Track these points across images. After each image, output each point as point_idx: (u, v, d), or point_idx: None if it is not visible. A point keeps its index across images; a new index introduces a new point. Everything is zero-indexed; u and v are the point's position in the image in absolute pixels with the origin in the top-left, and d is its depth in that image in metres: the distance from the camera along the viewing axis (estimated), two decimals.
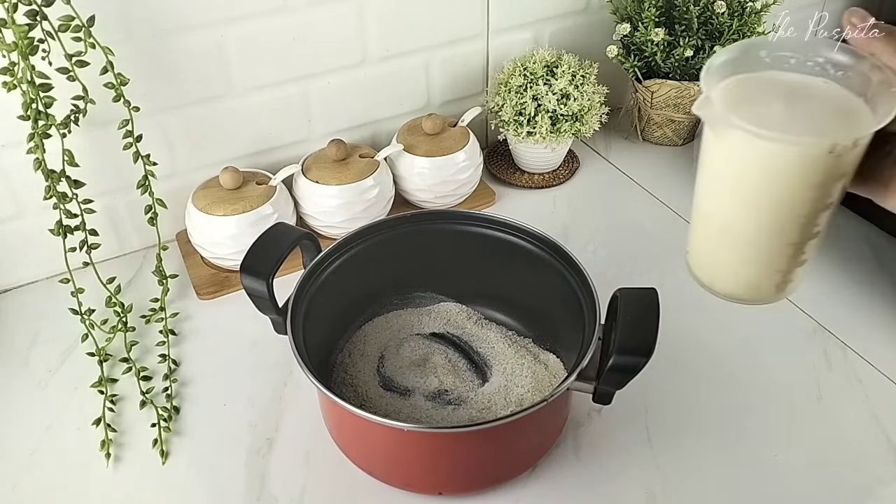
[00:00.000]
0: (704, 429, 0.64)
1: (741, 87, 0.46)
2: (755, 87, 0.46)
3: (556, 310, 0.66)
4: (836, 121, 0.44)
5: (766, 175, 0.43)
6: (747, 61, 0.47)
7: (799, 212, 0.45)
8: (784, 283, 0.48)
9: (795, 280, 0.48)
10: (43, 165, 0.66)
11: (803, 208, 0.44)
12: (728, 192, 0.45)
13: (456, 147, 0.85)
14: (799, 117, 0.44)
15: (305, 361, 0.55)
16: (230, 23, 0.75)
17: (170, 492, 0.61)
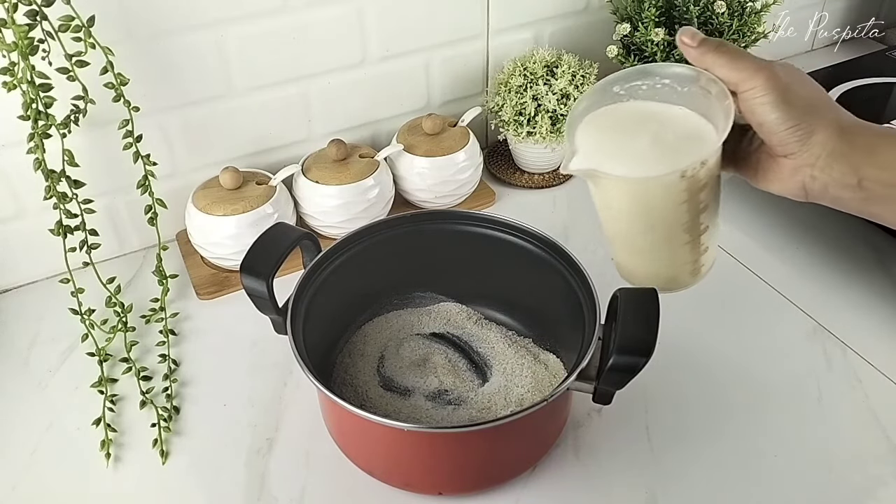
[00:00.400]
0: (704, 429, 0.64)
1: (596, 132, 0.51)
2: (609, 127, 0.51)
3: (556, 310, 0.66)
4: (685, 145, 0.48)
5: (639, 205, 0.49)
6: (604, 100, 0.51)
7: (679, 221, 0.49)
8: (696, 269, 0.53)
9: (706, 264, 0.54)
10: (43, 165, 0.66)
11: (682, 218, 0.49)
12: (617, 220, 0.52)
13: (456, 147, 0.85)
14: (652, 148, 0.49)
15: (305, 361, 0.55)
16: (230, 23, 0.75)
17: (170, 492, 0.61)
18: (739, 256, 0.82)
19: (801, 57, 1.18)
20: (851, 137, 0.46)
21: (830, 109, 0.47)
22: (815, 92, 0.48)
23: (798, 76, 0.48)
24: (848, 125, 0.47)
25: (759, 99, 0.46)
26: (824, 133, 0.46)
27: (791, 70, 0.48)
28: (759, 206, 0.88)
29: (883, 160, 0.45)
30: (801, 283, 0.78)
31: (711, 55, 0.48)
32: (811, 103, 0.47)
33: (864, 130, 0.46)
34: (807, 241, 0.83)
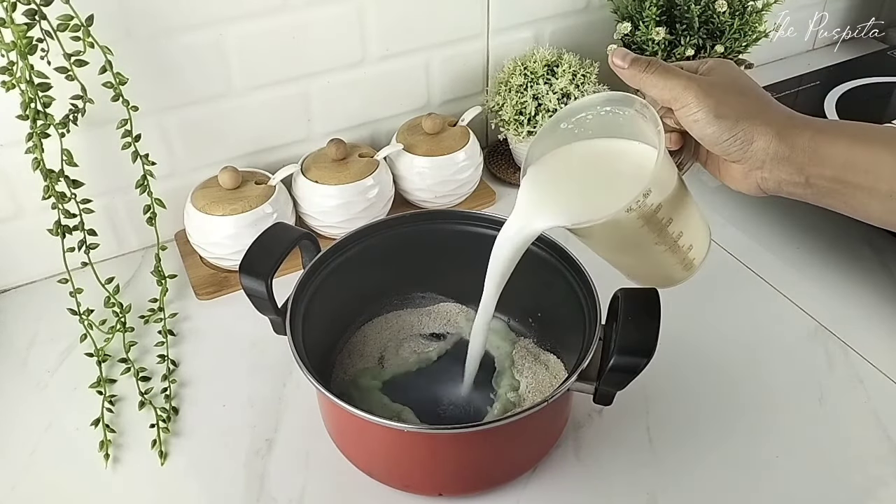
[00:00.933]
0: (705, 429, 0.64)
1: (542, 185, 0.52)
2: (551, 180, 0.52)
3: (557, 310, 0.66)
4: (624, 183, 0.49)
5: (601, 240, 0.52)
6: (555, 140, 0.52)
7: (648, 240, 0.50)
8: (687, 264, 0.54)
9: (697, 257, 0.54)
10: (41, 165, 0.66)
11: (649, 237, 0.49)
12: (595, 248, 0.53)
13: (456, 147, 0.85)
14: (595, 192, 0.51)
15: (305, 362, 0.55)
16: (229, 22, 0.75)
17: (169, 493, 0.61)
18: (740, 256, 0.81)
19: (801, 57, 1.18)
20: (791, 139, 0.46)
21: (766, 112, 0.47)
22: (750, 96, 0.48)
23: (731, 81, 0.48)
24: (786, 127, 0.47)
25: (692, 116, 0.47)
26: (763, 139, 0.47)
27: (724, 75, 0.49)
28: (759, 206, 0.88)
29: (824, 158, 0.46)
30: (802, 283, 0.78)
31: (642, 75, 0.49)
32: (746, 110, 0.47)
33: (804, 130, 0.46)
34: (808, 241, 0.83)
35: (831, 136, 0.46)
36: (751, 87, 0.49)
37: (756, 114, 0.47)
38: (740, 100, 0.47)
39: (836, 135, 0.46)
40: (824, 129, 0.47)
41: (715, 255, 0.81)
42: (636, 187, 0.46)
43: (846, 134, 0.46)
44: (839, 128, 0.47)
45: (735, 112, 0.47)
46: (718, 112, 0.46)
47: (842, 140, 0.46)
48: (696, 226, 0.53)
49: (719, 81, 0.48)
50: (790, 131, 0.47)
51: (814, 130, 0.46)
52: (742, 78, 0.49)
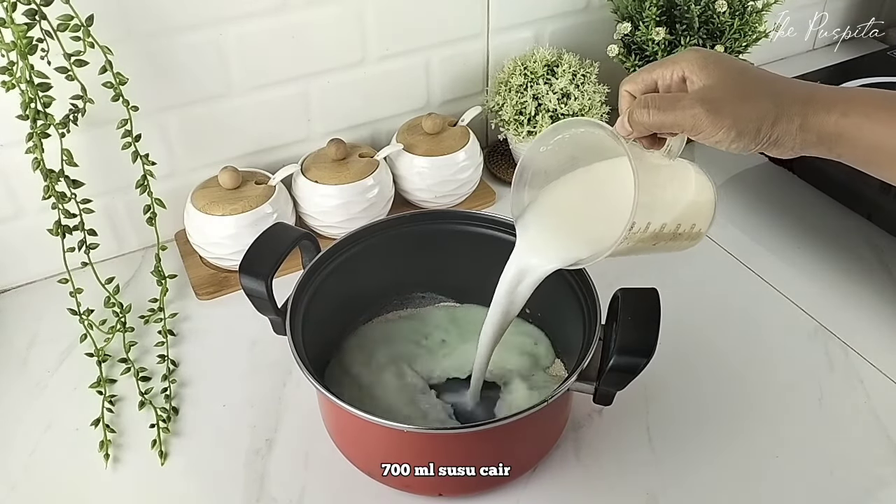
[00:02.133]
0: (705, 429, 0.64)
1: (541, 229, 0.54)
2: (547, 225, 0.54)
3: (557, 310, 0.66)
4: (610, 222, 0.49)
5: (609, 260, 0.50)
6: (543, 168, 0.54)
7: (649, 246, 0.51)
8: (694, 237, 0.54)
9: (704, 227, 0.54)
10: (42, 165, 0.66)
11: (649, 243, 0.50)
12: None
13: (456, 147, 0.85)
14: (593, 223, 0.52)
15: (304, 362, 0.55)
16: (229, 22, 0.75)
17: (169, 493, 0.61)
18: (740, 256, 0.81)
19: (801, 57, 1.18)
20: (817, 128, 0.45)
21: (783, 104, 0.46)
22: (759, 92, 0.46)
23: (731, 81, 0.46)
24: (808, 115, 0.45)
25: (712, 140, 0.46)
26: (789, 137, 0.46)
27: (718, 77, 0.47)
28: (759, 206, 0.88)
29: (851, 141, 0.45)
30: (802, 283, 0.78)
31: (649, 126, 0.47)
32: (763, 113, 0.45)
33: (827, 114, 0.45)
34: (808, 241, 0.83)
35: (857, 118, 0.45)
36: (753, 81, 0.47)
37: (774, 112, 0.45)
38: (753, 104, 0.46)
39: (861, 117, 0.45)
40: (848, 112, 0.45)
41: (715, 255, 0.82)
42: (619, 228, 0.46)
43: (871, 116, 0.45)
44: (864, 107, 0.45)
45: (753, 120, 0.45)
46: (738, 129, 0.45)
47: (867, 124, 0.45)
48: (696, 204, 0.53)
49: (720, 87, 0.46)
50: (813, 119, 0.45)
51: (838, 114, 0.45)
52: (734, 70, 0.47)
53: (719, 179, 0.94)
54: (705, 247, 0.83)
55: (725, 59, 0.47)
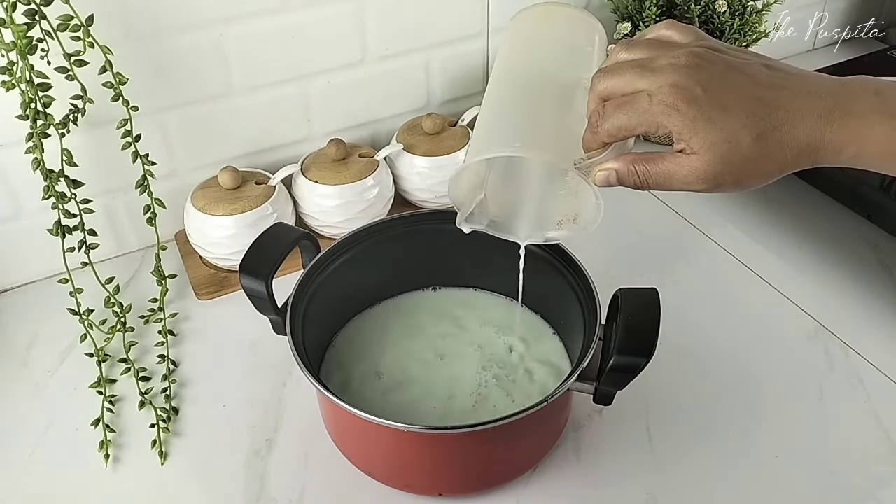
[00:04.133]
0: (705, 429, 0.64)
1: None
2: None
3: (557, 310, 0.66)
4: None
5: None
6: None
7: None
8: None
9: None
10: (42, 165, 0.66)
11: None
12: None
13: (456, 147, 0.84)
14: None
15: (305, 362, 0.55)
16: (229, 22, 0.75)
17: (168, 493, 0.61)
18: (740, 256, 0.81)
19: (801, 57, 1.18)
20: (834, 156, 0.42)
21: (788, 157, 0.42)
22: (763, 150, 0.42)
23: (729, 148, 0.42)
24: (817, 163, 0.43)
25: (713, 192, 0.44)
26: (802, 165, 0.43)
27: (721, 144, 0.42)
28: (758, 206, 0.88)
29: (869, 165, 0.43)
30: (802, 282, 0.78)
31: (641, 185, 0.45)
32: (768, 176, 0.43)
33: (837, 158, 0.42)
34: (808, 241, 0.83)
35: (871, 158, 0.42)
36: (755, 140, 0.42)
37: (780, 171, 0.42)
38: (757, 172, 0.42)
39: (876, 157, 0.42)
40: (862, 153, 0.42)
41: (715, 255, 0.82)
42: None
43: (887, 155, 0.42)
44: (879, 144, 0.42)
45: (760, 179, 0.43)
46: (742, 188, 0.43)
47: (882, 161, 0.42)
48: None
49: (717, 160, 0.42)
50: (826, 162, 0.42)
51: (850, 155, 0.42)
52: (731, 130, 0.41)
53: None
54: (705, 247, 0.83)
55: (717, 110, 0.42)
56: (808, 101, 0.42)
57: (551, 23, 0.55)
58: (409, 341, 0.69)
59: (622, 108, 0.43)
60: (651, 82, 0.42)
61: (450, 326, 0.70)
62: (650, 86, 0.42)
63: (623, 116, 0.43)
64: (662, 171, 0.44)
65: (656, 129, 0.43)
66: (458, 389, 0.64)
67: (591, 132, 0.45)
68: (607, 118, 0.44)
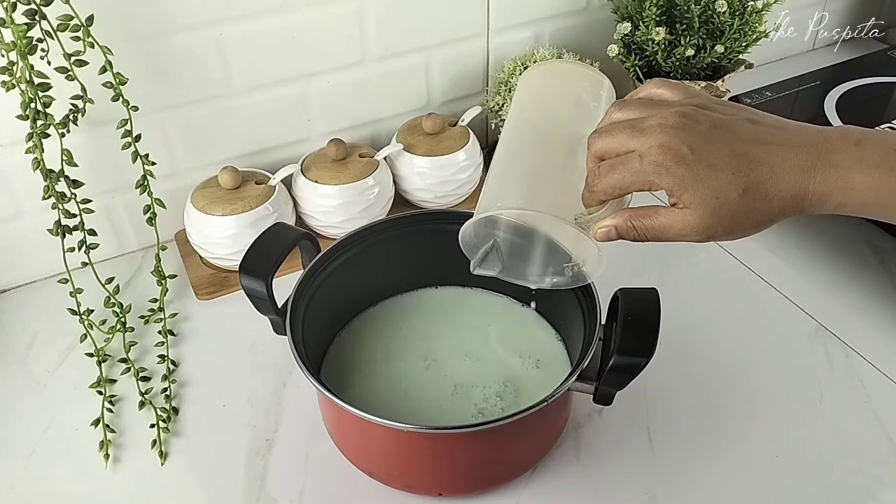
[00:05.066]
0: (705, 429, 0.64)
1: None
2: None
3: (557, 310, 0.66)
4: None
5: None
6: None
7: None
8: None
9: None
10: (41, 165, 0.66)
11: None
12: None
13: (456, 147, 0.85)
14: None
15: (305, 362, 0.55)
16: (229, 22, 0.75)
17: (169, 493, 0.61)
18: (740, 256, 0.81)
19: (801, 57, 1.18)
20: (820, 204, 0.43)
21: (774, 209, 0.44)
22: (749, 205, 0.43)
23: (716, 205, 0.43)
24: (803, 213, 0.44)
25: (705, 243, 0.46)
26: (789, 215, 0.44)
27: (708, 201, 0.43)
28: None
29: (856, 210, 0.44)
30: (802, 283, 0.78)
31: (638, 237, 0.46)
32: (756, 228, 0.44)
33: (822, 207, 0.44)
34: (808, 241, 0.83)
35: (856, 207, 0.43)
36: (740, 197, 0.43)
37: (767, 224, 0.44)
38: (743, 225, 0.44)
39: (859, 206, 0.43)
40: (846, 203, 0.43)
41: (715, 255, 0.82)
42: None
43: (870, 207, 0.43)
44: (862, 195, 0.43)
45: (751, 229, 0.44)
46: (733, 234, 0.44)
47: (867, 209, 0.43)
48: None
49: (705, 214, 0.44)
50: (808, 211, 0.44)
51: (835, 205, 0.43)
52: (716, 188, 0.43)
53: None
54: (705, 246, 0.83)
55: (704, 167, 0.43)
56: (790, 154, 0.44)
57: (558, 79, 0.58)
58: (408, 341, 0.69)
59: (616, 168, 0.45)
60: (641, 143, 0.44)
61: (450, 326, 0.70)
62: (640, 146, 0.44)
63: (617, 176, 0.45)
64: (658, 225, 0.46)
65: (649, 186, 0.45)
66: (459, 389, 0.64)
67: (588, 191, 0.47)
68: (602, 178, 0.46)
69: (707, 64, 0.87)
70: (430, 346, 0.69)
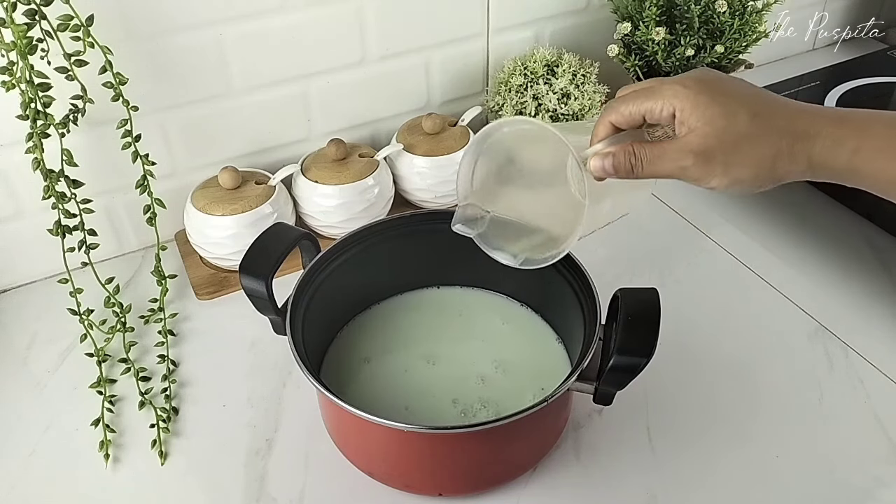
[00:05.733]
0: (705, 429, 0.64)
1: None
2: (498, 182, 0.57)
3: (557, 310, 0.66)
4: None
5: None
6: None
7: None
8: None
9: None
10: (42, 165, 0.66)
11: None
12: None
13: (456, 147, 0.84)
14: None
15: (305, 362, 0.55)
16: (229, 22, 0.75)
17: (168, 493, 0.61)
18: (740, 256, 0.81)
19: (801, 57, 1.18)
20: (828, 167, 0.43)
21: (785, 139, 0.43)
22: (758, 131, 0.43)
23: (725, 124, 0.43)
24: (816, 154, 0.43)
25: (705, 185, 0.45)
26: (794, 174, 0.44)
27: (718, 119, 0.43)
28: (758, 206, 0.88)
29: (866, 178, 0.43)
30: (802, 283, 0.78)
31: (633, 177, 0.46)
32: (762, 157, 0.43)
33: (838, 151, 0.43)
34: (808, 241, 0.83)
35: (870, 153, 0.42)
36: (750, 120, 0.43)
37: (773, 157, 0.43)
38: (749, 149, 0.43)
39: (874, 152, 0.42)
40: (860, 148, 0.42)
41: (715, 255, 0.82)
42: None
43: (885, 152, 0.42)
44: (877, 140, 0.42)
45: (750, 167, 0.43)
46: (733, 177, 0.44)
47: (881, 161, 0.42)
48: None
49: (712, 133, 0.43)
50: (820, 158, 0.43)
51: (849, 151, 0.42)
52: (729, 109, 0.44)
53: None
54: (705, 247, 0.83)
55: (719, 94, 0.44)
56: (805, 105, 0.45)
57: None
58: (409, 341, 0.69)
59: (633, 94, 0.47)
60: (660, 83, 0.46)
61: (450, 326, 0.70)
62: (658, 84, 0.46)
63: (634, 97, 0.46)
64: (657, 150, 0.46)
65: (661, 109, 0.45)
66: (459, 389, 0.64)
67: (601, 117, 0.48)
68: (619, 101, 0.47)
69: (707, 64, 0.87)
70: (430, 347, 0.69)
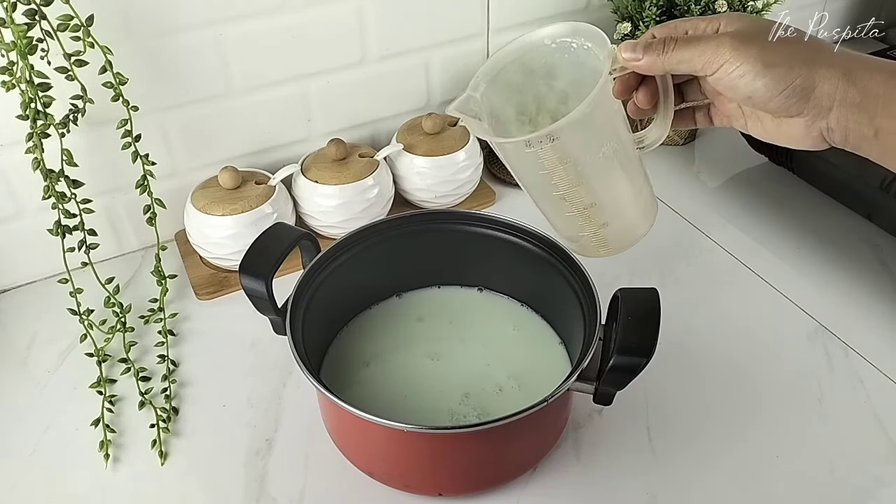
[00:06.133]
0: (705, 429, 0.64)
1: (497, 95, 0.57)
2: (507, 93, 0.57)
3: (557, 310, 0.66)
4: (545, 121, 0.52)
5: (511, 167, 0.55)
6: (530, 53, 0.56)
7: (550, 189, 0.51)
8: (600, 242, 0.55)
9: (612, 241, 0.55)
10: (41, 165, 0.66)
11: (551, 188, 0.51)
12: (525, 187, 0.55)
13: (456, 147, 0.85)
14: (520, 120, 0.54)
15: (305, 362, 0.55)
16: (229, 22, 0.75)
17: (168, 493, 0.61)
18: (740, 256, 0.81)
19: None
20: (863, 82, 0.41)
21: (823, 53, 0.42)
22: (797, 39, 0.43)
23: (766, 28, 0.43)
24: (853, 68, 0.41)
25: (735, 73, 0.42)
26: (828, 83, 0.41)
27: (755, 24, 0.43)
28: (758, 206, 0.88)
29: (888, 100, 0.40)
30: (802, 283, 0.78)
31: (663, 58, 0.44)
32: (799, 54, 0.41)
33: (876, 72, 0.41)
34: (808, 241, 0.83)
35: None
36: (793, 39, 0.42)
37: (813, 57, 0.41)
38: (788, 45, 0.41)
39: None
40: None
41: (715, 255, 0.82)
42: (545, 127, 0.47)
43: None
44: None
45: (786, 58, 0.41)
46: (766, 60, 0.41)
47: None
48: (620, 208, 0.53)
49: (753, 30, 0.42)
50: (860, 73, 0.41)
51: (887, 74, 0.40)
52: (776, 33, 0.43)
53: (719, 179, 0.94)
54: (705, 247, 0.83)
55: (769, 26, 0.44)
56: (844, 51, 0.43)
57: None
58: (409, 341, 0.69)
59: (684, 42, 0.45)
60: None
61: (450, 326, 0.70)
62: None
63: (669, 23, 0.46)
64: (692, 41, 0.44)
65: (694, 27, 0.45)
66: (459, 389, 0.64)
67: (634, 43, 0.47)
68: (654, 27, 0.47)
69: None
70: (430, 346, 0.69)
